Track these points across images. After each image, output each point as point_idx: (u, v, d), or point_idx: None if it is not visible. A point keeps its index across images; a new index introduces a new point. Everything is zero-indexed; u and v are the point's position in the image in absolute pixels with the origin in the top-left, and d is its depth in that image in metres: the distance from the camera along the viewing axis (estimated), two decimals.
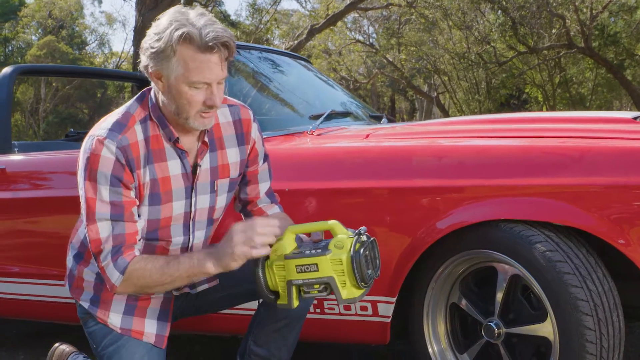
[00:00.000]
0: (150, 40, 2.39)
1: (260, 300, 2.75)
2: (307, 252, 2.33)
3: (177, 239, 2.65)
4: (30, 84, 39.00)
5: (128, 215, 2.46)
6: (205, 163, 2.63)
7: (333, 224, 2.37)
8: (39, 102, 39.45)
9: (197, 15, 2.37)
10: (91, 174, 2.42)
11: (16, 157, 4.16)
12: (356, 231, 2.36)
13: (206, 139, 2.60)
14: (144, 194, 2.51)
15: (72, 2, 43.70)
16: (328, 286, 2.32)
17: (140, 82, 5.40)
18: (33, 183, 4.04)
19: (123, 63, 39.68)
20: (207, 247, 2.55)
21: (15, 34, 42.94)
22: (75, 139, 5.26)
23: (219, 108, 2.50)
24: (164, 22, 2.38)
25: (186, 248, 2.68)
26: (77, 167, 2.50)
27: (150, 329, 2.67)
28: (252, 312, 2.82)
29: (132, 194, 2.48)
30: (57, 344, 2.99)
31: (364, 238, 2.35)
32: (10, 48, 44.24)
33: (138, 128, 2.50)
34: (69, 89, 39.55)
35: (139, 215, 2.52)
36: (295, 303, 2.35)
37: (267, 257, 2.38)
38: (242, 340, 2.83)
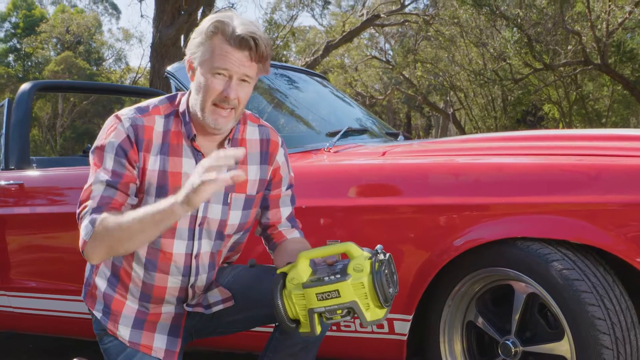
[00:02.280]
0: (194, 33, 2.52)
1: (276, 324, 2.73)
2: (326, 278, 2.28)
3: (181, 242, 2.63)
4: (48, 100, 39.20)
5: (122, 185, 2.49)
6: None
7: (349, 245, 2.34)
8: (56, 117, 39.63)
9: (238, 17, 2.50)
10: (102, 143, 2.53)
11: (34, 173, 4.19)
12: (373, 251, 2.33)
13: (226, 146, 2.62)
14: (147, 183, 2.54)
15: (90, 18, 43.97)
16: (351, 310, 2.27)
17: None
18: (51, 199, 4.07)
19: (140, 79, 39.82)
20: None
21: (34, 49, 43.20)
22: None
23: (238, 110, 2.53)
24: (208, 17, 2.51)
25: (190, 254, 2.66)
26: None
27: (159, 343, 2.66)
28: (268, 329, 2.81)
29: (135, 172, 2.53)
30: (74, 359, 3.00)
31: (381, 257, 2.32)
32: (29, 63, 44.50)
33: (159, 119, 2.58)
34: (86, 105, 39.72)
35: (142, 202, 2.54)
36: (318, 329, 2.32)
37: (284, 286, 2.33)
38: None
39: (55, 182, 4.11)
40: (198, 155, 2.58)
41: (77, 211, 2.50)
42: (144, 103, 2.63)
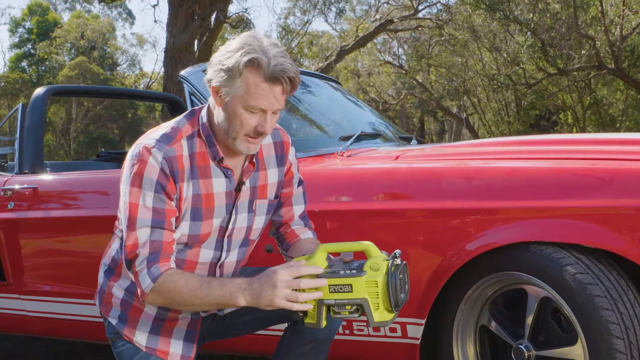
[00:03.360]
0: (220, 57, 2.45)
1: (287, 324, 2.74)
2: (341, 272, 2.30)
3: (208, 252, 2.65)
4: (62, 104, 39.36)
5: (168, 224, 2.48)
6: (248, 181, 2.65)
7: (368, 245, 2.35)
8: (70, 122, 39.80)
9: (269, 45, 2.41)
10: (136, 179, 2.46)
11: (48, 177, 4.21)
12: (391, 254, 2.33)
13: (254, 160, 2.64)
14: (183, 208, 2.53)
15: (104, 24, 44.16)
16: (360, 308, 2.29)
17: (170, 102, 5.45)
18: (64, 202, 4.08)
19: (153, 84, 39.93)
20: (242, 279, 2.45)
21: (48, 54, 43.40)
22: (107, 159, 5.30)
23: (266, 136, 2.54)
24: (237, 43, 2.43)
25: (215, 264, 2.68)
26: (122, 174, 2.53)
27: (175, 349, 2.67)
28: (280, 333, 2.81)
29: (174, 204, 2.50)
30: None
31: (398, 261, 2.32)
32: (43, 68, 44.70)
33: (185, 143, 2.54)
34: (99, 109, 39.87)
35: (176, 228, 2.54)
36: (324, 323, 2.33)
37: None
38: None
39: (69, 186, 4.13)
40: (228, 172, 2.59)
41: (127, 257, 2.48)
42: (167, 128, 2.57)
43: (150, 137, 2.53)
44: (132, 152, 2.52)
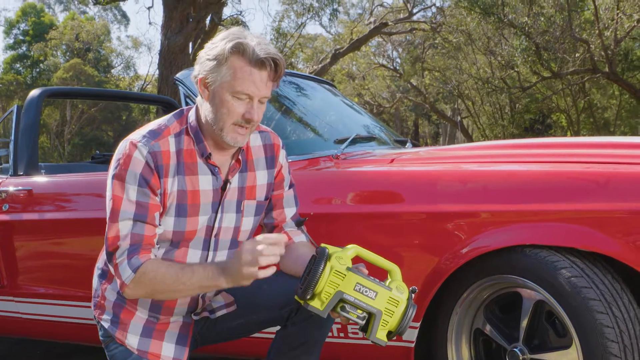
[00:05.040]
0: (206, 50, 2.52)
1: (279, 327, 2.75)
2: (372, 277, 2.33)
3: (195, 252, 2.66)
4: (56, 106, 39.29)
5: (150, 217, 2.51)
6: (234, 181, 2.67)
7: (395, 268, 2.40)
8: (64, 124, 39.71)
9: (252, 35, 2.50)
10: (121, 173, 2.50)
11: (43, 179, 4.20)
12: (411, 288, 2.38)
13: (240, 157, 2.65)
14: (168, 204, 2.55)
15: (99, 26, 44.10)
16: (370, 318, 2.31)
17: (165, 105, 5.45)
18: (59, 205, 4.08)
19: (147, 86, 39.90)
20: (219, 262, 2.56)
21: (43, 55, 43.32)
22: (101, 161, 5.30)
23: (254, 126, 2.56)
24: (221, 35, 2.52)
25: None
26: (109, 169, 2.57)
27: (167, 352, 2.67)
28: (273, 336, 2.81)
29: (158, 199, 2.53)
30: None
31: (412, 298, 2.37)
32: (37, 70, 44.62)
33: (172, 140, 2.57)
34: (94, 112, 39.80)
35: (160, 225, 2.56)
36: (327, 313, 2.32)
37: (329, 257, 2.32)
38: None
39: (63, 188, 4.12)
40: (215, 169, 2.61)
41: (108, 250, 2.51)
42: (154, 125, 2.62)
43: (137, 133, 2.59)
44: (119, 148, 2.57)
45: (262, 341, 3.10)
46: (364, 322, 2.31)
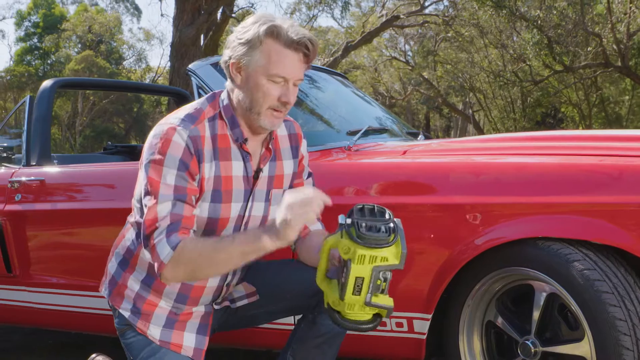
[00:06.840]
0: (237, 34, 2.50)
1: (302, 316, 2.75)
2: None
3: None
4: (68, 98, 39.40)
5: (189, 198, 2.46)
6: (266, 170, 2.66)
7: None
8: (76, 115, 39.82)
9: (283, 18, 2.49)
10: (159, 157, 2.44)
11: (55, 169, 4.21)
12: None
13: (270, 146, 2.64)
14: (205, 189, 2.52)
15: (111, 18, 44.18)
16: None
17: (177, 96, 5.45)
18: (71, 195, 4.09)
19: (159, 78, 39.97)
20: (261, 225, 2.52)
21: (54, 47, 43.43)
22: (114, 152, 5.31)
23: (290, 108, 2.54)
24: (252, 18, 2.50)
25: None
26: (142, 155, 2.52)
27: (189, 342, 2.66)
28: (288, 327, 2.81)
29: (195, 184, 2.48)
30: (94, 355, 2.99)
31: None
32: (49, 62, 44.74)
33: (207, 124, 2.54)
34: (105, 103, 39.89)
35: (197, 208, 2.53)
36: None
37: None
38: (279, 355, 2.82)
39: (76, 178, 4.13)
40: (247, 156, 2.59)
41: (145, 233, 2.43)
42: (190, 109, 2.57)
43: (174, 116, 2.54)
44: (155, 131, 2.51)
45: (276, 332, 3.11)
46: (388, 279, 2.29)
